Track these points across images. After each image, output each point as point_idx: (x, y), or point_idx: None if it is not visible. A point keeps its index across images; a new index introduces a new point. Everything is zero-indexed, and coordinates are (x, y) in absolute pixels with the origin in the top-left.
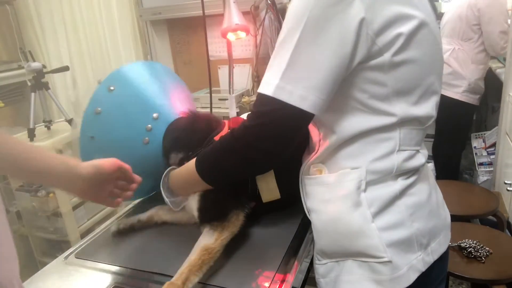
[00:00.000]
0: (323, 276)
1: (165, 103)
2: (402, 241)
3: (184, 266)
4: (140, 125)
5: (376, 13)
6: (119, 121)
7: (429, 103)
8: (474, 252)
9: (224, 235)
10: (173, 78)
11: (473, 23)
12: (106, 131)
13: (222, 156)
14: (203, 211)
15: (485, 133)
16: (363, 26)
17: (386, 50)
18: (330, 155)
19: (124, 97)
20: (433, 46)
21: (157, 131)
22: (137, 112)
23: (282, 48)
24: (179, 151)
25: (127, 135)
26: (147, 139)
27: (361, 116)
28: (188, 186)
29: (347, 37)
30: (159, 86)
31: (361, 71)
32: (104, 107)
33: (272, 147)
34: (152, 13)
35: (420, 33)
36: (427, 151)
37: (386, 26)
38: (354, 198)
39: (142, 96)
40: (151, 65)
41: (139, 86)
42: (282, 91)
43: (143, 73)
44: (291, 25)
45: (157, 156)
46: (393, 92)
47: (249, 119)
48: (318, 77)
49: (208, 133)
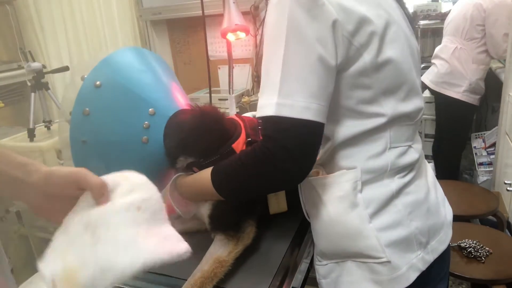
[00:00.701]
0: (324, 277)
1: (161, 96)
2: (401, 240)
3: (196, 276)
4: (135, 123)
5: (347, 14)
6: (111, 121)
7: (416, 97)
8: (474, 252)
9: (238, 247)
10: (164, 67)
11: (478, 23)
12: (98, 134)
13: (246, 176)
14: (215, 218)
15: (485, 133)
16: (337, 28)
17: (364, 50)
18: (327, 157)
19: (113, 93)
20: (406, 42)
21: (156, 128)
22: (130, 109)
23: (270, 67)
24: (188, 155)
25: (122, 136)
26: (145, 137)
27: (352, 121)
28: (199, 196)
29: (327, 41)
30: (152, 76)
31: (346, 79)
32: (92, 106)
33: (297, 166)
34: (152, 13)
35: (391, 30)
36: (421, 145)
37: (359, 26)
38: (351, 199)
39: (134, 90)
40: (139, 52)
41: (129, 78)
42: (283, 108)
43: (131, 62)
44: (273, 44)
45: (159, 155)
46: (380, 93)
47: (265, 142)
48: (312, 85)
49: (222, 134)
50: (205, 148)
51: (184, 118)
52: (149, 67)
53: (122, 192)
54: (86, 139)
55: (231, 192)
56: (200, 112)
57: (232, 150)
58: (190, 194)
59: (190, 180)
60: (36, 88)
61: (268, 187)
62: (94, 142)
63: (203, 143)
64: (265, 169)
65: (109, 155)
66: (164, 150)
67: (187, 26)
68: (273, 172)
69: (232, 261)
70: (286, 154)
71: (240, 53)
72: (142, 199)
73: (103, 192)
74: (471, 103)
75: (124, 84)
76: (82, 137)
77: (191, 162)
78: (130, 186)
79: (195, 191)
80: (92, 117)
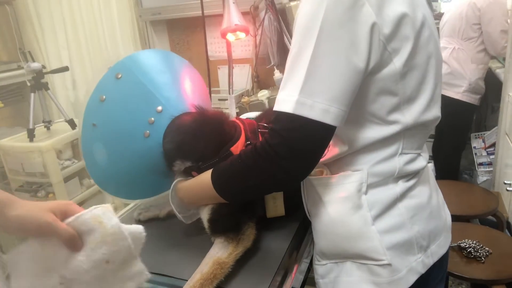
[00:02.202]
0: (322, 277)
1: (172, 96)
2: (402, 243)
3: (195, 279)
4: (142, 117)
5: (385, 17)
6: (121, 111)
7: (436, 106)
8: (474, 252)
9: (238, 249)
10: (189, 71)
11: (474, 22)
12: (108, 120)
13: (246, 175)
14: (215, 222)
15: (484, 133)
16: (375, 31)
17: (396, 55)
18: (335, 159)
19: (130, 86)
20: (434, 45)
21: (159, 125)
22: (141, 103)
23: (297, 62)
24: (186, 159)
25: (128, 126)
26: (147, 132)
27: (372, 127)
28: (200, 200)
29: (361, 44)
30: (169, 78)
31: (374, 82)
32: (109, 94)
33: (299, 166)
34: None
35: (423, 34)
36: (428, 154)
37: (395, 29)
38: (355, 200)
39: (149, 86)
40: (166, 55)
41: (147, 76)
42: (302, 107)
43: (153, 62)
44: (303, 37)
45: (156, 152)
46: (403, 101)
47: (272, 137)
48: (337, 88)
49: (221, 139)
50: (201, 153)
51: (184, 121)
52: (170, 69)
53: (94, 245)
54: (96, 122)
55: (232, 192)
56: (201, 116)
57: (230, 153)
58: (191, 198)
59: (190, 184)
60: (35, 88)
61: (268, 185)
62: (102, 127)
63: (199, 148)
64: (265, 167)
65: (112, 142)
66: (162, 148)
67: (187, 26)
68: (273, 169)
69: (232, 263)
70: (290, 153)
71: (240, 53)
72: (111, 251)
73: (74, 244)
74: (471, 103)
75: (140, 79)
76: (93, 120)
77: (189, 166)
78: (101, 238)
79: (196, 195)
80: (106, 104)
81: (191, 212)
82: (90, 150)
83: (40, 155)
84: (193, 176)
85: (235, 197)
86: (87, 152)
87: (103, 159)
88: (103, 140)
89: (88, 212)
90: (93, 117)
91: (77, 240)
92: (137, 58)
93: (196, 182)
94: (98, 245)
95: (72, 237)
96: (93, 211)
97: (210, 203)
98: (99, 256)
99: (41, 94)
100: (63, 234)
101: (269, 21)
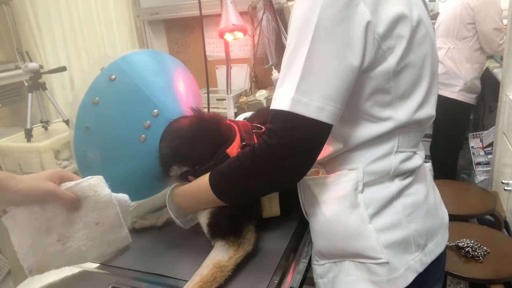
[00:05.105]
0: (321, 277)
1: (168, 100)
2: (400, 242)
3: (195, 281)
4: (137, 120)
5: (380, 16)
6: (116, 114)
7: (430, 104)
8: (471, 251)
9: (239, 253)
10: (183, 72)
11: (468, 21)
12: (101, 123)
13: (246, 177)
14: (215, 226)
15: (482, 133)
16: (369, 30)
17: (390, 53)
18: (330, 158)
19: (124, 88)
20: (429, 44)
21: (156, 129)
22: (136, 106)
23: (292, 61)
24: (182, 164)
25: (123, 130)
26: (143, 136)
27: (366, 125)
28: (198, 204)
29: (356, 42)
30: (165, 80)
31: (368, 80)
32: (103, 96)
33: (298, 165)
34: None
35: (418, 33)
36: (424, 152)
37: (390, 28)
38: (351, 199)
39: (144, 89)
40: (159, 55)
41: (142, 78)
42: (298, 105)
43: (148, 64)
44: (299, 36)
45: (153, 157)
46: (396, 98)
47: (269, 137)
48: (332, 86)
49: (217, 142)
50: (197, 158)
51: (178, 125)
52: (165, 71)
53: (88, 209)
54: (89, 125)
55: (232, 195)
56: (196, 120)
57: (226, 155)
58: (189, 203)
59: (187, 189)
60: (33, 88)
61: (268, 186)
62: (96, 130)
63: (197, 152)
64: (264, 167)
65: (106, 146)
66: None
67: (185, 26)
68: (272, 170)
69: (233, 266)
70: (287, 153)
71: (238, 53)
72: (101, 216)
73: (74, 206)
74: (467, 102)
75: (135, 82)
76: (86, 123)
77: (185, 171)
78: (95, 204)
79: (194, 200)
80: (100, 106)
81: (189, 217)
82: (84, 154)
83: (38, 155)
84: (190, 181)
85: (235, 199)
86: (80, 156)
87: (97, 163)
88: (96, 144)
89: (85, 181)
90: (86, 119)
91: (77, 203)
92: (131, 59)
93: (193, 186)
94: (91, 209)
95: (73, 200)
96: (89, 181)
97: (209, 207)
98: (91, 219)
99: (38, 94)
100: (67, 198)
101: (267, 21)
